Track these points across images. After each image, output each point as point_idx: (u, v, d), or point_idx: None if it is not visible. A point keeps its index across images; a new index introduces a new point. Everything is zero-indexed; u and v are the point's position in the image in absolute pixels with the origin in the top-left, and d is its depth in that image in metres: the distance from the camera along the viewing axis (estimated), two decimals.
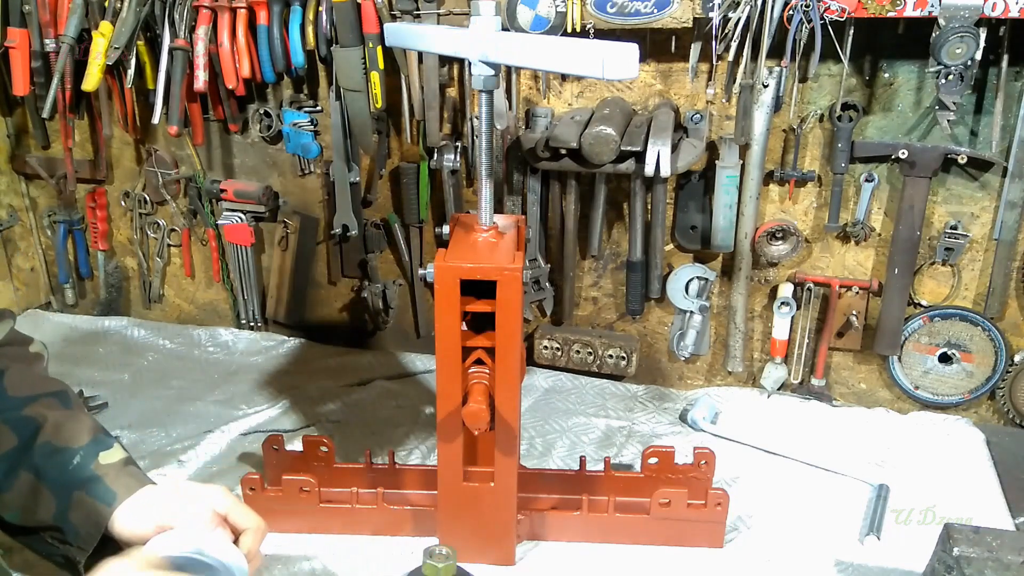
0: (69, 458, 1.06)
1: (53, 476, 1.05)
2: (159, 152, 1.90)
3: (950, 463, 1.48)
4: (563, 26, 1.49)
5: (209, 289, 2.04)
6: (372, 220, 1.82)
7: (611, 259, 1.74)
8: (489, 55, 1.00)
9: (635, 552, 1.27)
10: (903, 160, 1.50)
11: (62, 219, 2.05)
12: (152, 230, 2.01)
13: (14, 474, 1.06)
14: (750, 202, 1.57)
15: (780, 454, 1.50)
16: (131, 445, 1.53)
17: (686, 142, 1.54)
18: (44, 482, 1.05)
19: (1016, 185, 1.48)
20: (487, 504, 1.21)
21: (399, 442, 1.55)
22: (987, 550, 1.01)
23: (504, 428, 1.15)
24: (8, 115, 2.00)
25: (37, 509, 1.05)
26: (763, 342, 1.72)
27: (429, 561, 1.02)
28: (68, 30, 1.61)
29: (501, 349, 1.11)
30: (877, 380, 1.70)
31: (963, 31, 1.32)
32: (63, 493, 1.04)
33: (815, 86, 1.52)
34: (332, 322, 1.98)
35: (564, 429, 1.60)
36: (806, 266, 1.65)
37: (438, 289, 1.08)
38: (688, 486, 1.27)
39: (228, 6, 1.58)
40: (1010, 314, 1.58)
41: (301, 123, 1.76)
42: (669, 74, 1.58)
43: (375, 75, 1.59)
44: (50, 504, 1.04)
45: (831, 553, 1.27)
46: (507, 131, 1.63)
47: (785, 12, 1.39)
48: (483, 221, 1.13)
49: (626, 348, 1.74)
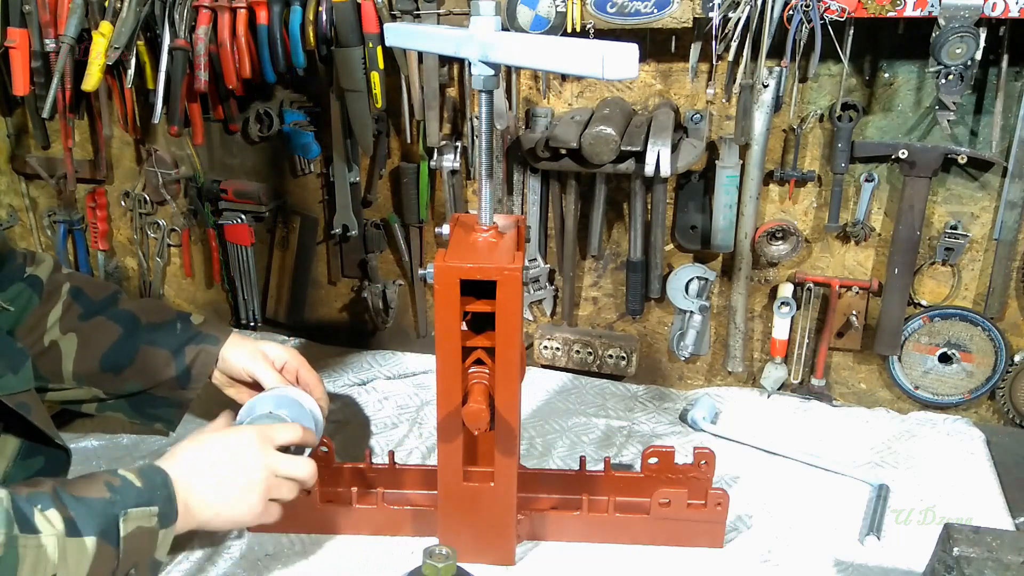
0: (172, 326, 1.36)
1: (166, 341, 1.34)
2: (159, 152, 1.90)
3: (950, 463, 1.48)
4: (563, 26, 1.49)
5: (209, 289, 2.04)
6: (372, 220, 1.82)
7: (611, 259, 1.74)
8: (489, 55, 1.00)
9: (635, 552, 1.27)
10: (903, 160, 1.50)
11: (62, 219, 2.05)
12: (152, 230, 2.01)
13: (133, 351, 1.33)
14: (750, 202, 1.57)
15: (780, 454, 1.50)
16: (131, 445, 1.53)
17: (686, 142, 1.54)
18: (159, 347, 1.34)
19: (1016, 185, 1.48)
20: (487, 504, 1.21)
21: (399, 442, 1.55)
22: (987, 550, 1.01)
23: (504, 428, 1.15)
24: (8, 115, 2.00)
25: (159, 368, 1.33)
26: (763, 342, 1.72)
27: (429, 561, 1.02)
28: (68, 30, 1.61)
29: (501, 349, 1.11)
30: (877, 380, 1.70)
31: (963, 31, 1.32)
32: (178, 349, 1.34)
33: (815, 86, 1.52)
34: (332, 322, 1.98)
35: (564, 429, 1.60)
36: (806, 266, 1.65)
37: (438, 289, 1.08)
38: (688, 486, 1.27)
39: (228, 6, 1.58)
40: (1010, 314, 1.58)
41: (301, 123, 1.76)
42: (669, 74, 1.58)
43: (375, 75, 1.58)
44: (168, 361, 1.33)
45: (831, 553, 1.27)
46: (507, 131, 1.63)
47: (785, 12, 1.39)
48: (483, 221, 1.13)
49: (626, 348, 1.74)
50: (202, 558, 1.25)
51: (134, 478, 1.02)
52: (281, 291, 1.96)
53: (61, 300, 1.34)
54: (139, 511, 0.99)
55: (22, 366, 1.18)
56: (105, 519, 0.96)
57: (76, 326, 1.33)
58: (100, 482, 1.00)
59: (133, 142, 1.94)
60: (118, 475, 1.02)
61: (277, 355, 1.38)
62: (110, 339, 1.33)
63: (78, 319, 1.34)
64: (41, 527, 0.91)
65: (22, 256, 1.35)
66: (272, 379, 1.33)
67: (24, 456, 1.20)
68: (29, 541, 0.90)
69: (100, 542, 0.95)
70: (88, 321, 1.34)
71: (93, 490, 0.98)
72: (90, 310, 1.35)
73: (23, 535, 0.89)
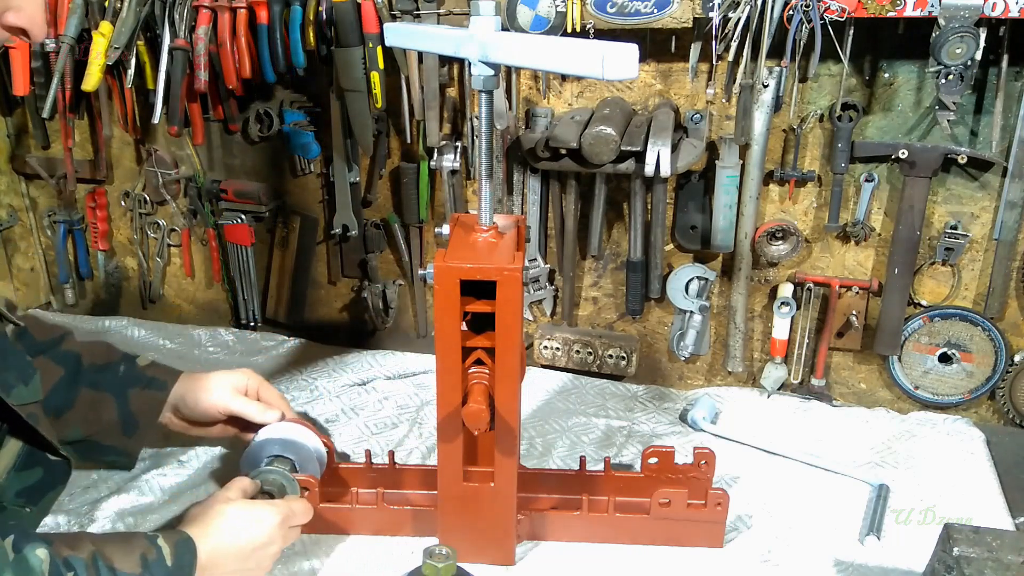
0: (116, 368, 1.33)
1: (109, 383, 1.31)
2: (159, 152, 1.90)
3: (950, 463, 1.48)
4: (563, 26, 1.49)
5: (209, 289, 2.04)
6: (372, 220, 1.82)
7: (611, 259, 1.74)
8: (489, 55, 1.00)
9: (635, 552, 1.27)
10: (903, 160, 1.50)
11: (62, 219, 2.05)
12: (152, 230, 2.01)
13: (74, 393, 1.30)
14: (750, 202, 1.57)
15: (780, 454, 1.50)
16: None
17: (686, 142, 1.54)
18: (103, 390, 1.30)
19: (1016, 185, 1.48)
20: (487, 504, 1.21)
21: (399, 442, 1.55)
22: (987, 550, 1.01)
23: (504, 428, 1.15)
24: (8, 115, 2.00)
25: (101, 414, 1.30)
26: (763, 342, 1.72)
27: (429, 561, 1.02)
28: (68, 30, 1.61)
29: (501, 349, 1.11)
30: (877, 380, 1.70)
31: (963, 31, 1.32)
32: (121, 393, 1.31)
33: (815, 86, 1.52)
34: (332, 322, 1.98)
35: (564, 429, 1.60)
36: (806, 266, 1.65)
37: (438, 289, 1.08)
38: (688, 486, 1.27)
39: (228, 6, 1.58)
40: (1010, 314, 1.58)
41: (301, 123, 1.76)
42: (669, 74, 1.58)
43: (375, 75, 1.59)
44: (111, 406, 1.30)
45: (831, 553, 1.27)
46: (507, 131, 1.63)
47: (785, 12, 1.39)
48: (483, 221, 1.13)
49: (626, 348, 1.74)
50: None
51: (168, 555, 1.02)
52: (281, 291, 1.96)
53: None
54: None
55: (32, 378, 1.19)
56: None
57: None
58: (137, 553, 1.00)
59: (133, 142, 1.94)
60: (156, 545, 1.03)
61: (238, 382, 1.35)
62: (51, 380, 1.30)
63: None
64: None
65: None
66: (258, 413, 1.33)
67: (20, 468, 1.20)
68: None
69: None
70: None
71: (128, 563, 0.99)
72: (33, 350, 1.30)
73: None
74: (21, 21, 0.97)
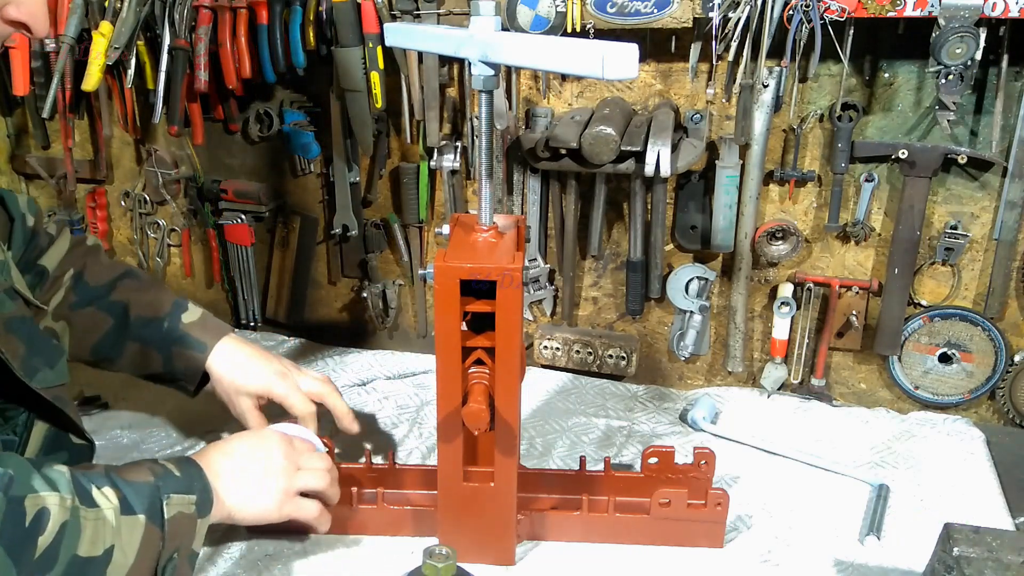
0: (160, 324, 1.33)
1: (153, 339, 1.33)
2: (159, 152, 1.90)
3: (950, 463, 1.48)
4: (563, 26, 1.49)
5: (209, 289, 2.04)
6: (372, 220, 1.82)
7: (611, 259, 1.74)
8: (489, 55, 1.00)
9: (635, 552, 1.27)
10: (903, 160, 1.50)
11: (62, 219, 2.05)
12: (152, 230, 2.01)
13: (122, 345, 1.34)
14: (750, 202, 1.58)
15: (780, 454, 1.50)
16: (131, 445, 1.53)
17: (686, 142, 1.54)
18: (148, 345, 1.33)
19: (1016, 185, 1.48)
20: (487, 504, 1.21)
21: (399, 442, 1.55)
22: (987, 550, 1.01)
23: (504, 428, 1.15)
24: (8, 115, 2.00)
25: (149, 365, 1.34)
26: (763, 342, 1.72)
27: (429, 561, 1.02)
28: (68, 30, 1.61)
29: (501, 349, 1.11)
30: (877, 380, 1.70)
31: (963, 31, 1.32)
32: (164, 349, 1.32)
33: (815, 86, 1.52)
34: (332, 322, 1.98)
35: (564, 429, 1.60)
36: (806, 266, 1.65)
37: (438, 289, 1.08)
38: (688, 486, 1.27)
39: (228, 6, 1.58)
40: (1010, 314, 1.58)
41: (301, 123, 1.76)
42: (669, 74, 1.58)
43: (375, 75, 1.59)
44: (157, 360, 1.33)
45: (831, 553, 1.27)
46: (507, 131, 1.63)
47: (785, 12, 1.39)
48: (483, 221, 1.13)
49: (626, 348, 1.74)
50: (202, 558, 1.24)
51: (173, 468, 1.08)
52: (281, 291, 1.96)
53: (64, 287, 1.34)
54: (180, 498, 1.05)
55: (58, 361, 1.21)
56: (151, 501, 1.01)
57: (67, 315, 1.34)
58: (144, 468, 1.06)
59: (133, 142, 1.94)
60: (159, 463, 1.07)
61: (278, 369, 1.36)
62: (100, 331, 1.34)
63: (70, 308, 1.34)
64: (100, 502, 0.97)
65: (46, 239, 1.36)
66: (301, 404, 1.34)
67: (47, 451, 1.22)
68: (89, 514, 0.95)
69: (148, 523, 1.00)
70: (78, 311, 1.34)
71: (139, 475, 1.04)
72: (84, 298, 1.35)
73: (83, 507, 0.95)
74: (22, 15, 0.97)
